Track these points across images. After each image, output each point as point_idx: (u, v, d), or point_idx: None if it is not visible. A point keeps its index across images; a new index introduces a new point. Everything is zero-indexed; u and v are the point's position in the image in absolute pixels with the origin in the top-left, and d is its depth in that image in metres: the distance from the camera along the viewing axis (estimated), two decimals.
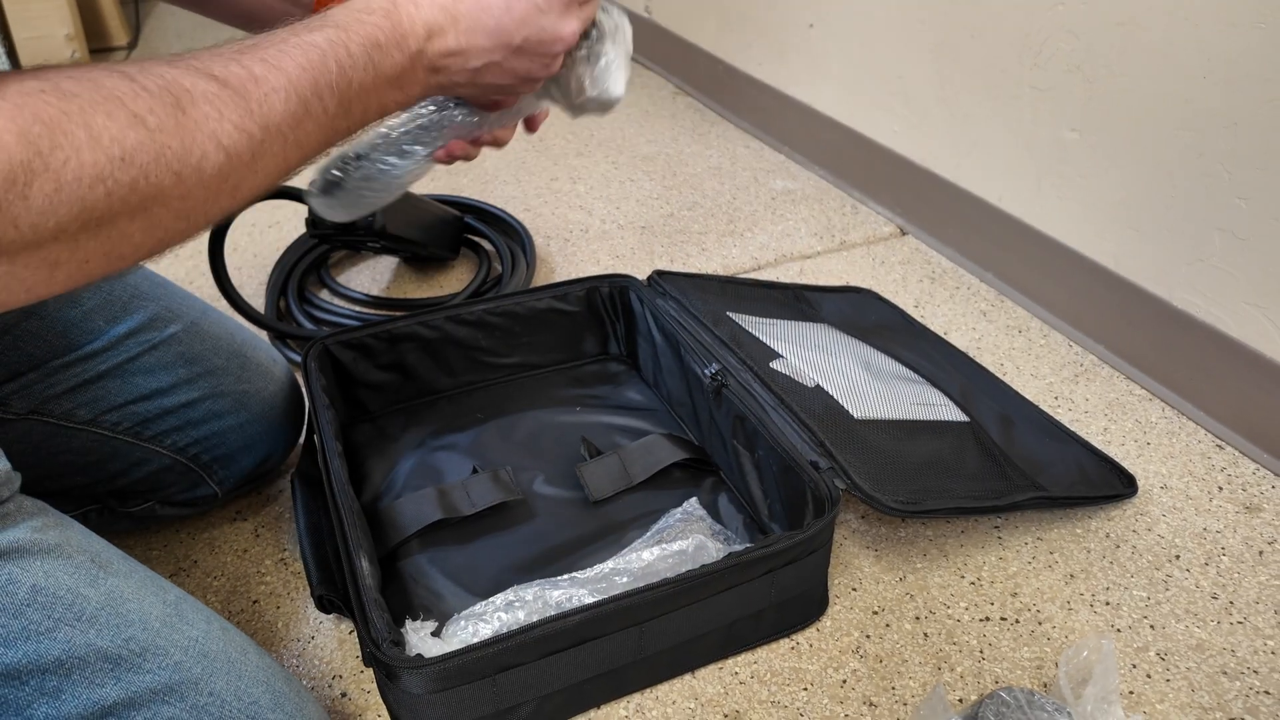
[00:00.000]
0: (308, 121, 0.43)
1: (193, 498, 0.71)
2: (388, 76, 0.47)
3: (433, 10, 0.48)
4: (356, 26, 0.45)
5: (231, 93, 0.40)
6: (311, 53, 0.43)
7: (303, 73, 0.42)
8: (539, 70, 0.54)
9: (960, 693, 0.64)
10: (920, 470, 0.72)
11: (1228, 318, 0.86)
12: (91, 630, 0.42)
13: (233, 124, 0.39)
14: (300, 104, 0.42)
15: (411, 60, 0.48)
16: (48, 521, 0.44)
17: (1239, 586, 0.72)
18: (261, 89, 0.41)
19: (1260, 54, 0.79)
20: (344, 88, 0.44)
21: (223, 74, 0.40)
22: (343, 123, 0.45)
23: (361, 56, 0.45)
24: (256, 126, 0.40)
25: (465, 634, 0.62)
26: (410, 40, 0.47)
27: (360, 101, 0.46)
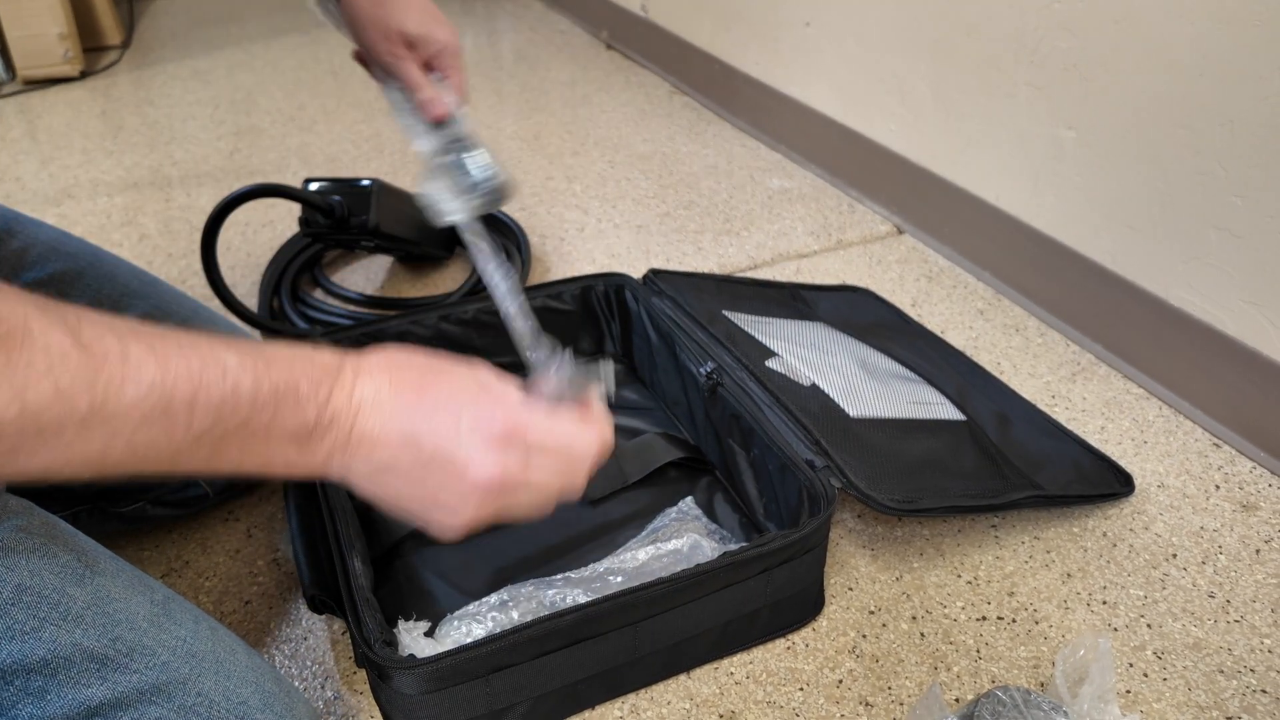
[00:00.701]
0: (160, 426, 0.36)
1: (184, 498, 0.71)
2: (291, 428, 0.40)
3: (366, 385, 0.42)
4: (285, 365, 0.40)
5: (84, 358, 0.34)
6: (212, 364, 0.38)
7: (186, 377, 0.37)
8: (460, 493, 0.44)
9: (957, 692, 0.64)
10: (917, 469, 0.72)
11: (1224, 316, 0.86)
12: (78, 630, 0.41)
13: (55, 386, 0.33)
14: (161, 406, 0.36)
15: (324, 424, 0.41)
16: (33, 520, 0.44)
17: (1236, 585, 0.72)
18: (125, 370, 0.35)
19: (1256, 52, 0.78)
20: (227, 414, 0.38)
21: (90, 337, 0.35)
22: (200, 449, 0.38)
23: (269, 396, 0.39)
24: (85, 402, 0.34)
25: (459, 634, 0.62)
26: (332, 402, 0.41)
27: (238, 439, 0.39)
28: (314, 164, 1.42)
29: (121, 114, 1.60)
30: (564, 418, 0.47)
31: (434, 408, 0.43)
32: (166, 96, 1.67)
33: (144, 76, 1.77)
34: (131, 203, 1.30)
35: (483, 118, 1.60)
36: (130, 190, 1.33)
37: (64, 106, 1.62)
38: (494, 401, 0.44)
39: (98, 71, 1.77)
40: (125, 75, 1.77)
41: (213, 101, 1.65)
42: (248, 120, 1.57)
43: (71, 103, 1.64)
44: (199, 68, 1.81)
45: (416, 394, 0.43)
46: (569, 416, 0.47)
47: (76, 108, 1.62)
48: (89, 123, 1.56)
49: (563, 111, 1.62)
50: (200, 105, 1.63)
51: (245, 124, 1.56)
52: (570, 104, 1.65)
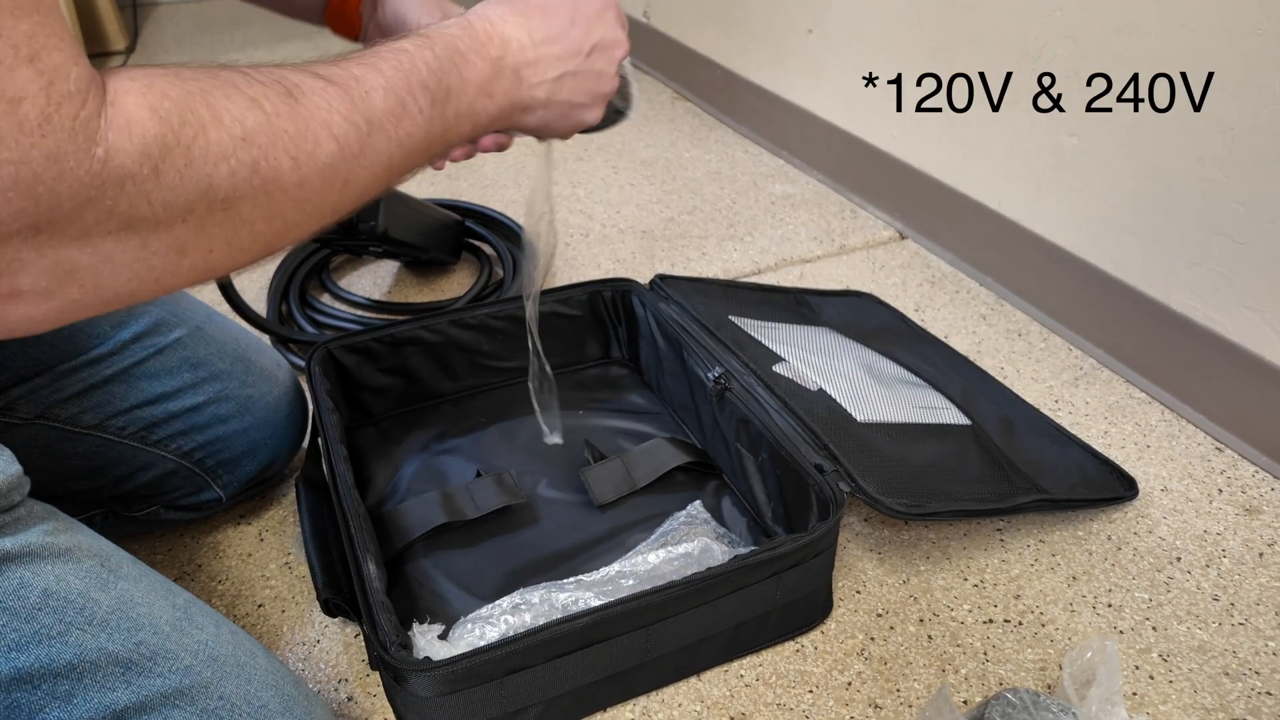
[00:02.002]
0: (406, 119, 0.44)
1: (197, 502, 0.71)
2: (474, 82, 0.48)
3: (504, 24, 0.51)
4: (437, 34, 0.48)
5: (337, 88, 0.41)
6: (400, 56, 0.45)
7: (396, 72, 0.44)
8: (607, 81, 0.57)
9: (964, 694, 0.64)
10: (923, 473, 0.72)
11: (1227, 321, 0.87)
12: (103, 634, 0.42)
13: (341, 115, 0.40)
14: (398, 101, 0.43)
15: (494, 67, 0.50)
16: (58, 525, 0.44)
17: (1240, 588, 0.72)
18: (362, 86, 0.42)
19: (1257, 60, 0.79)
20: (435, 87, 0.46)
21: (325, 73, 0.41)
22: (438, 124, 0.46)
23: (446, 60, 0.47)
24: (361, 119, 0.41)
25: (472, 637, 0.62)
26: (489, 47, 0.50)
27: (452, 103, 0.47)
28: None
29: None
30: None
31: (561, 13, 0.53)
32: None
33: None
34: None
35: None
36: None
37: None
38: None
39: None
40: None
41: None
42: None
43: None
44: None
45: (544, 14, 0.53)
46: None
47: None
48: None
49: None
50: None
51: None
52: None
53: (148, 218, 0.34)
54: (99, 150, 0.32)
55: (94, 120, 0.32)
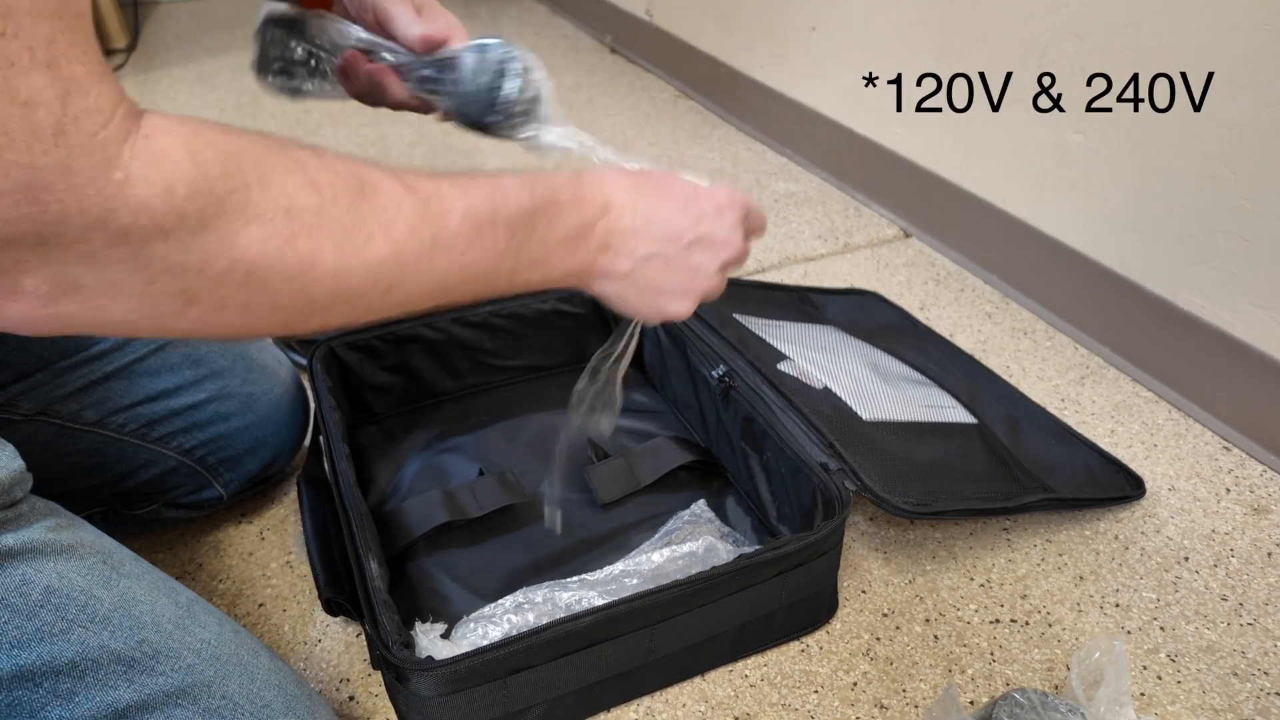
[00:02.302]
0: (477, 248, 0.43)
1: (198, 500, 0.71)
2: (560, 234, 0.47)
3: (614, 189, 0.50)
4: (543, 179, 0.47)
5: (415, 197, 0.41)
6: (495, 187, 0.45)
7: (484, 201, 0.44)
8: (703, 278, 0.53)
9: (971, 695, 0.64)
10: (929, 472, 0.72)
11: (1233, 319, 0.86)
12: (105, 632, 0.42)
13: (407, 223, 0.40)
14: (474, 228, 0.43)
15: (586, 226, 0.48)
16: (60, 522, 0.44)
17: (1248, 588, 0.72)
18: (443, 203, 0.42)
19: (1264, 56, 0.79)
20: (519, 227, 0.45)
21: (410, 180, 0.41)
22: (509, 262, 0.45)
23: (541, 204, 0.46)
24: (429, 234, 0.41)
25: (475, 636, 0.62)
26: (588, 207, 0.48)
27: (532, 248, 0.46)
28: None
29: None
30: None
31: (680, 201, 0.52)
32: (172, 100, 1.67)
33: (149, 80, 1.77)
34: None
35: None
36: None
37: None
38: (720, 190, 0.54)
39: None
40: (130, 79, 1.77)
41: (218, 105, 1.65)
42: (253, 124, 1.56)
43: None
44: (204, 71, 1.82)
45: (659, 192, 0.52)
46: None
47: None
48: None
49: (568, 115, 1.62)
50: (206, 109, 1.64)
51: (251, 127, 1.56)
52: (575, 108, 1.66)
53: (161, 257, 0.33)
54: (118, 174, 0.31)
55: (117, 144, 0.31)
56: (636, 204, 0.50)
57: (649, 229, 0.50)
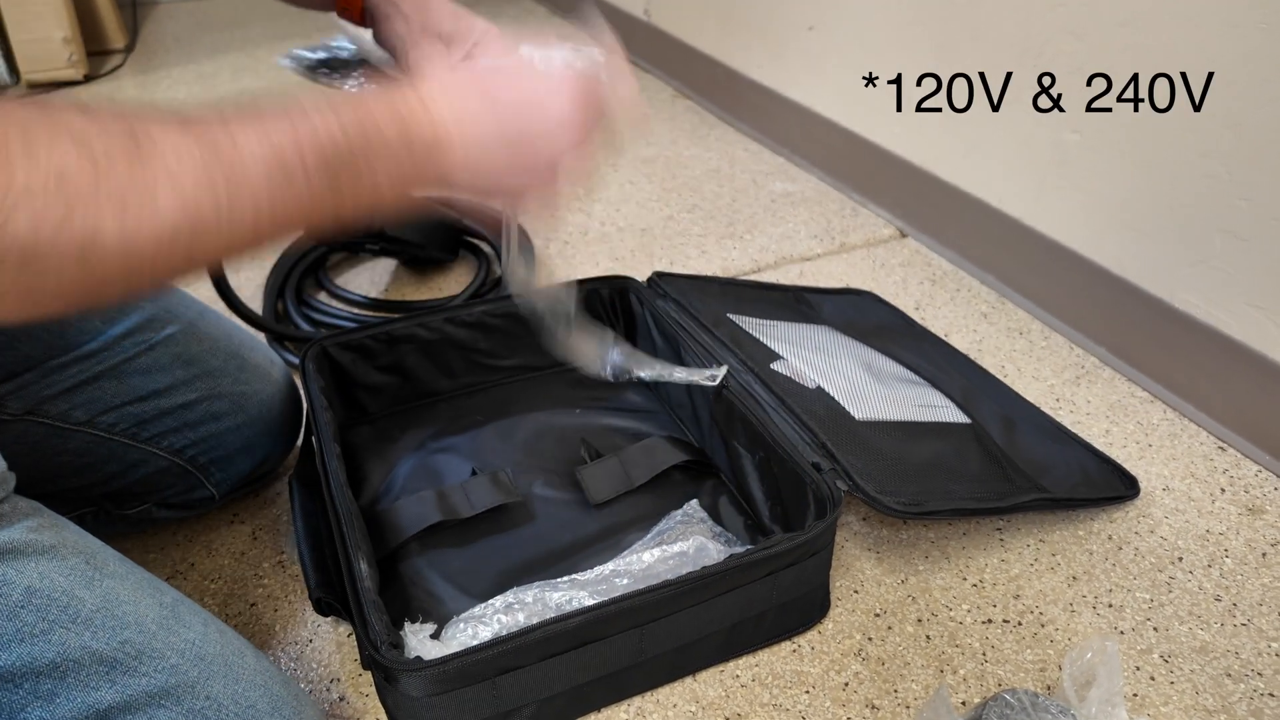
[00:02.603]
0: (286, 190, 0.39)
1: (190, 500, 0.71)
2: (386, 172, 0.44)
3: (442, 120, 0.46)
4: (354, 110, 0.43)
5: (201, 145, 0.37)
6: (299, 120, 0.40)
7: (289, 142, 0.39)
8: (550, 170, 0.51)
9: (963, 695, 0.63)
10: (922, 471, 0.71)
11: (1229, 319, 0.86)
12: (87, 633, 0.42)
13: (194, 176, 0.36)
14: (282, 174, 0.39)
15: (415, 167, 0.45)
16: (43, 522, 0.44)
17: (1242, 589, 0.71)
18: (239, 150, 0.38)
19: (1262, 55, 0.78)
20: (336, 169, 0.41)
21: (195, 126, 0.37)
22: (328, 200, 0.42)
23: (362, 145, 0.42)
24: (223, 182, 0.37)
25: (465, 636, 0.61)
26: (415, 145, 0.45)
27: (351, 182, 0.42)
28: None
29: None
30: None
31: (506, 106, 0.48)
32: (170, 100, 1.67)
33: (148, 80, 1.77)
34: None
35: None
36: None
37: None
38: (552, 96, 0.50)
39: (101, 75, 1.78)
40: (129, 79, 1.77)
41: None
42: None
43: None
44: (203, 71, 1.82)
45: (472, 74, 0.49)
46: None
47: None
48: None
49: None
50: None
51: None
52: None
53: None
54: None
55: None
56: (465, 130, 0.46)
57: (484, 153, 0.47)
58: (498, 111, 0.48)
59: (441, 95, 0.46)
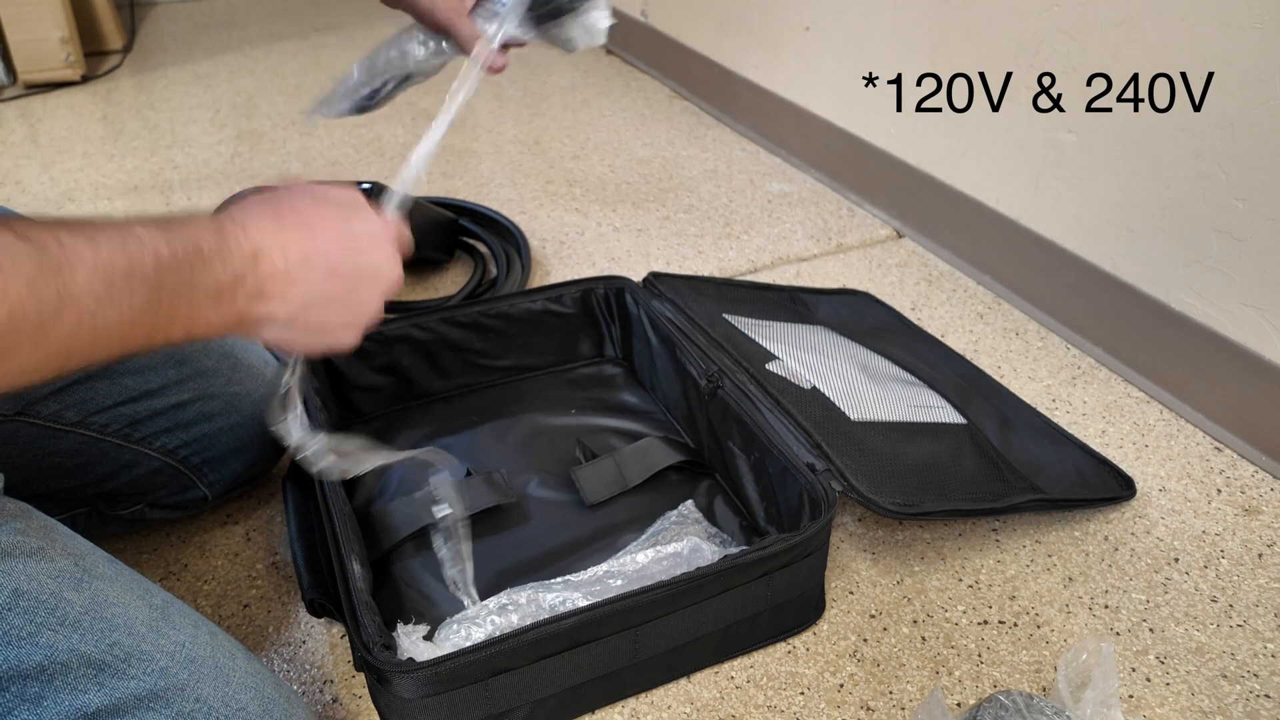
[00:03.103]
0: (109, 306, 0.38)
1: (183, 500, 0.71)
2: (205, 289, 0.42)
3: (259, 233, 0.45)
4: (179, 229, 0.42)
5: (29, 246, 0.35)
6: (129, 238, 0.39)
7: (116, 254, 0.38)
8: (366, 311, 0.50)
9: (958, 697, 0.63)
10: (917, 472, 0.71)
11: (1225, 319, 0.86)
12: (75, 635, 0.41)
13: (25, 280, 0.34)
14: (106, 284, 0.37)
15: (234, 279, 0.43)
16: (31, 524, 0.44)
17: (1238, 589, 0.71)
18: (66, 254, 0.36)
19: (1257, 54, 0.78)
20: (155, 283, 0.40)
21: (29, 230, 0.36)
22: (146, 320, 0.40)
23: (182, 257, 0.41)
24: (53, 291, 0.35)
25: (458, 637, 0.61)
26: (234, 258, 0.43)
27: (172, 304, 0.41)
28: (315, 168, 1.42)
29: (123, 118, 1.60)
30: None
31: (334, 233, 0.48)
32: (168, 100, 1.67)
33: (145, 80, 1.77)
34: (132, 206, 1.30)
35: (484, 123, 1.60)
36: (131, 194, 1.33)
37: (65, 110, 1.62)
38: (367, 214, 0.51)
39: (99, 76, 1.77)
40: (127, 79, 1.77)
41: (214, 105, 1.65)
42: (249, 124, 1.58)
43: (73, 107, 1.64)
44: (200, 72, 1.82)
45: (308, 228, 0.47)
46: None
47: (78, 112, 1.62)
48: (90, 127, 1.56)
49: (563, 116, 1.62)
50: (201, 109, 1.64)
51: (246, 128, 1.56)
52: (571, 108, 1.66)
53: None
54: None
55: None
56: (286, 245, 0.45)
57: (306, 271, 0.46)
58: (320, 233, 0.48)
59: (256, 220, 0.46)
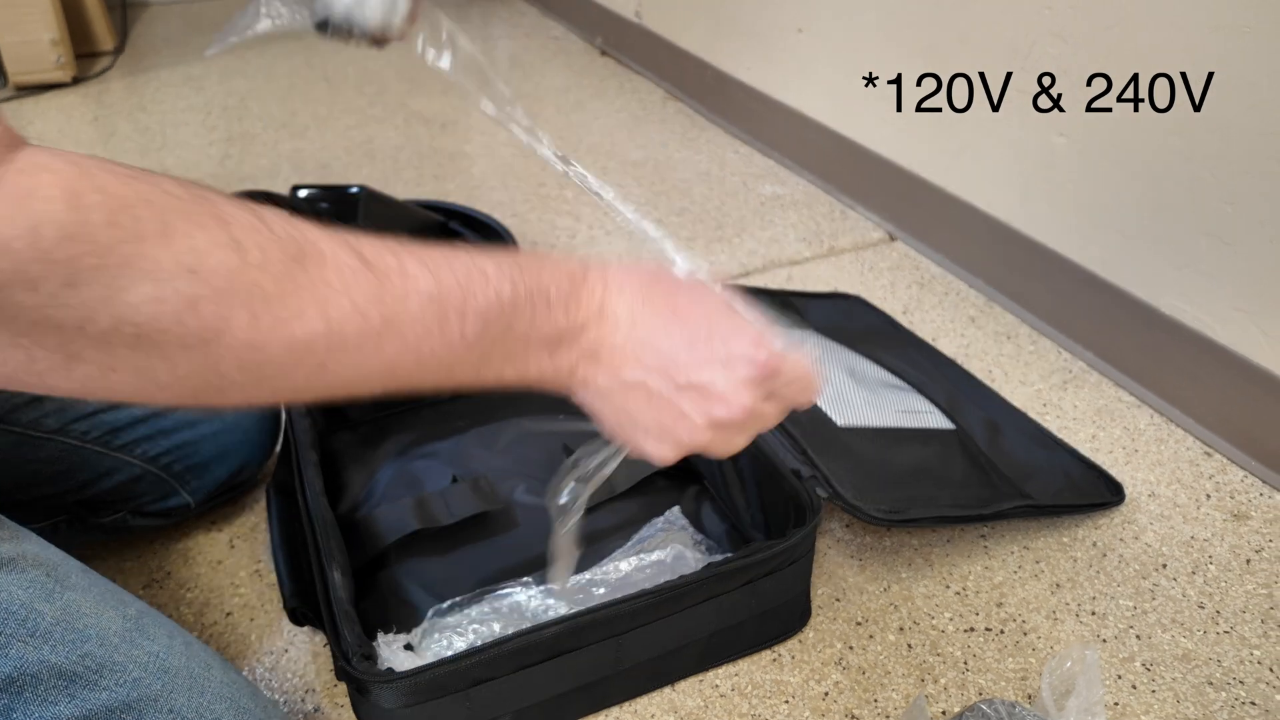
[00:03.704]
0: (438, 336, 0.38)
1: (165, 508, 0.70)
2: (542, 334, 0.41)
3: (617, 295, 0.43)
4: (532, 267, 0.41)
5: (370, 273, 0.36)
6: (473, 272, 0.39)
7: (455, 286, 0.38)
8: (688, 428, 0.43)
9: (944, 704, 0.63)
10: (905, 478, 0.71)
11: (1215, 324, 0.86)
12: (45, 646, 0.41)
13: (352, 302, 0.35)
14: (438, 316, 0.38)
15: (573, 330, 0.42)
16: (2, 534, 0.43)
17: (1226, 595, 0.71)
18: (405, 283, 0.37)
19: (1247, 58, 0.78)
20: (493, 319, 0.39)
21: (371, 254, 0.37)
22: (477, 356, 0.40)
23: (525, 299, 0.40)
24: (379, 315, 0.36)
25: (439, 646, 0.61)
26: (581, 309, 0.42)
27: (504, 344, 0.40)
28: (306, 170, 1.41)
29: (114, 120, 1.60)
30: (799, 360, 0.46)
31: (693, 333, 0.43)
32: (159, 102, 1.67)
33: (137, 82, 1.76)
34: None
35: (476, 124, 1.60)
36: None
37: (56, 112, 1.61)
38: (752, 336, 0.44)
39: (90, 77, 1.77)
40: (118, 81, 1.77)
41: (205, 108, 1.65)
42: (240, 126, 1.57)
43: (64, 108, 1.63)
44: (192, 74, 1.81)
45: (672, 314, 0.43)
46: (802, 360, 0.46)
47: (69, 113, 1.61)
48: (81, 129, 1.55)
49: (557, 118, 1.62)
50: (193, 111, 1.63)
51: (237, 130, 1.56)
52: (564, 110, 1.65)
53: (30, 308, 0.30)
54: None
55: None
56: (636, 320, 0.43)
57: (641, 352, 0.43)
58: (677, 325, 0.43)
59: (620, 282, 0.43)
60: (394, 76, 1.79)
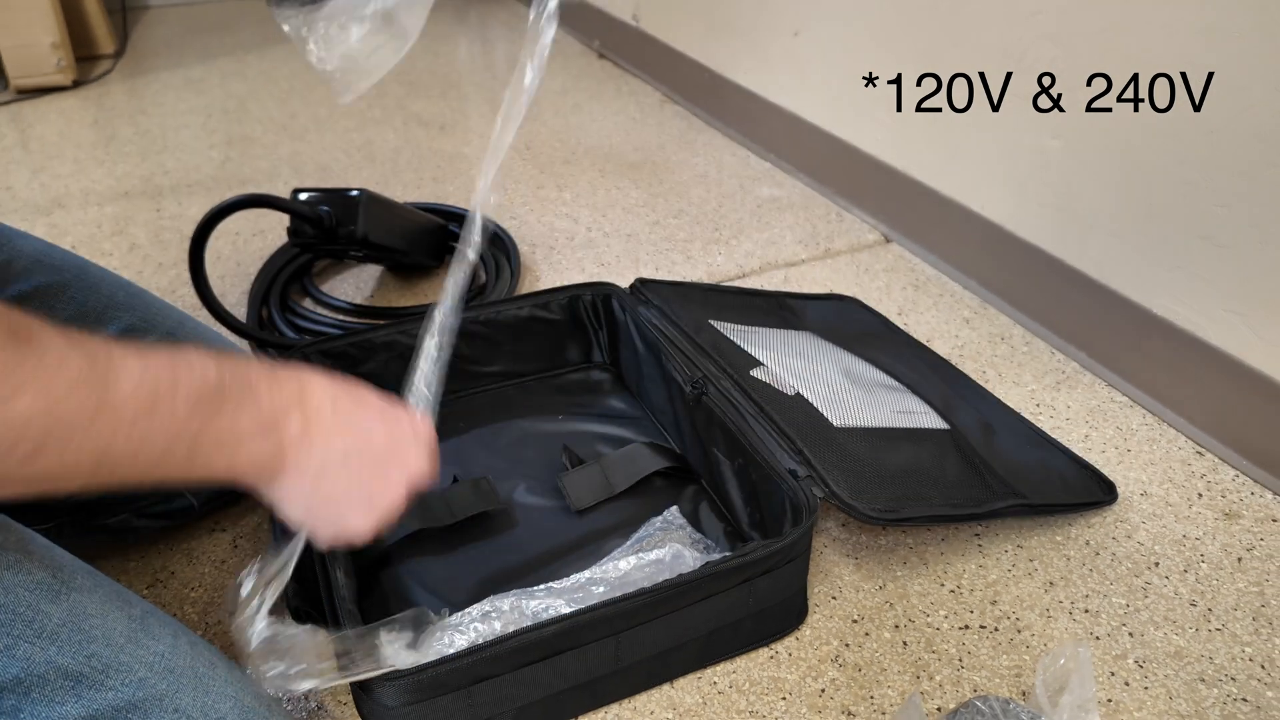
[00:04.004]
0: (151, 419, 0.38)
1: (169, 510, 0.71)
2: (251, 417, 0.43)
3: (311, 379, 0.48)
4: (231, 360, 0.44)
5: (80, 352, 0.36)
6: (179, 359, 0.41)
7: (165, 369, 0.39)
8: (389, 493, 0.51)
9: (939, 701, 0.64)
10: (900, 478, 0.72)
11: (1207, 325, 0.87)
12: (52, 647, 0.42)
13: (68, 380, 0.35)
14: (150, 397, 0.38)
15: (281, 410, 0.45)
16: (8, 536, 0.44)
17: (1218, 593, 0.72)
18: (114, 364, 0.37)
19: (1239, 61, 0.79)
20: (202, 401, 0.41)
21: (77, 337, 0.37)
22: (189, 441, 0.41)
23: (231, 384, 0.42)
24: (94, 396, 0.36)
25: (441, 645, 0.62)
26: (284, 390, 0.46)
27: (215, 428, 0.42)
28: (305, 173, 1.42)
29: (114, 123, 1.60)
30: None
31: (372, 410, 0.51)
32: (159, 105, 1.67)
33: (137, 85, 1.77)
34: (122, 212, 1.30)
35: (475, 126, 1.60)
36: (121, 200, 1.33)
37: (56, 116, 1.62)
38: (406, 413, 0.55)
39: (90, 81, 1.78)
40: (118, 84, 1.77)
41: (205, 110, 1.65)
42: (240, 129, 1.58)
43: (64, 112, 1.64)
44: (192, 76, 1.82)
45: (354, 398, 0.50)
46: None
47: (69, 117, 1.62)
48: (81, 132, 1.56)
49: (554, 120, 1.63)
50: (193, 114, 1.64)
51: (237, 133, 1.56)
52: (562, 113, 1.66)
53: None
54: None
55: None
56: (336, 398, 0.48)
57: (348, 426, 0.48)
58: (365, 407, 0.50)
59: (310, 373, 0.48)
60: (392, 79, 1.79)
